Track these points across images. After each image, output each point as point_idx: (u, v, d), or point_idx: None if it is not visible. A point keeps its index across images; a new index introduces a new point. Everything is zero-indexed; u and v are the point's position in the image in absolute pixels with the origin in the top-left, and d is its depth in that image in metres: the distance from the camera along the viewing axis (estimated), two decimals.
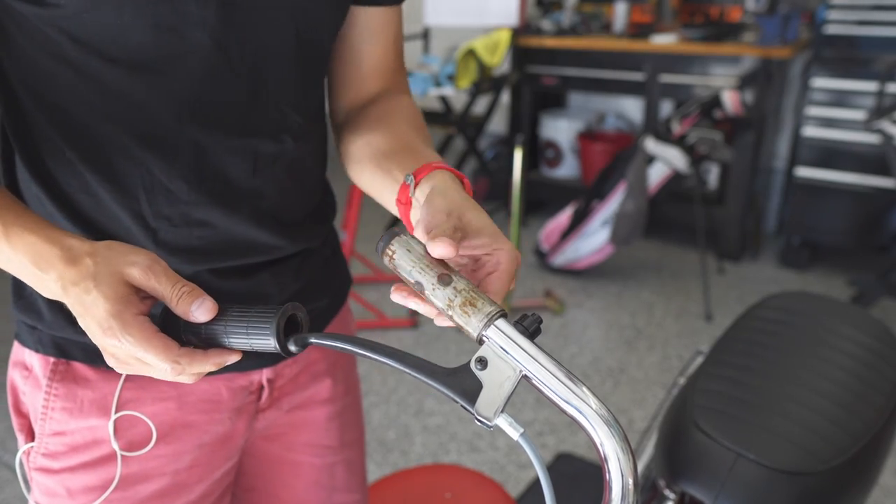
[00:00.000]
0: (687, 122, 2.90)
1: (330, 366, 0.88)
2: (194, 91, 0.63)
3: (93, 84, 0.61)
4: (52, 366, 0.71)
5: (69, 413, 0.71)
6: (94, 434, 0.71)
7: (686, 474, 0.92)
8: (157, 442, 0.73)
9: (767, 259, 3.46)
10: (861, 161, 3.00)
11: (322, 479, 0.90)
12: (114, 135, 0.63)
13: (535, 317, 0.50)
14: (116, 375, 0.72)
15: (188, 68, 0.62)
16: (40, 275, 0.54)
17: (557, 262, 3.24)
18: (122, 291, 0.52)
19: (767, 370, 1.01)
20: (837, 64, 3.03)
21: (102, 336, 0.52)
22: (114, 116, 0.62)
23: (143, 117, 0.63)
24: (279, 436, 0.86)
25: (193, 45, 0.61)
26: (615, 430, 0.47)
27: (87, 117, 0.62)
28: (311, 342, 0.54)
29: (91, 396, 0.71)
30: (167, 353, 0.51)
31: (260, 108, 0.67)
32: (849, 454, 0.88)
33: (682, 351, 2.65)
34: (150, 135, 0.63)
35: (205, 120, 0.64)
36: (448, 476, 1.40)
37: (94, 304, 0.51)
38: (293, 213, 0.75)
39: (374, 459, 2.09)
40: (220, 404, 0.76)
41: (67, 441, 0.71)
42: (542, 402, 2.32)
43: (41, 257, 0.54)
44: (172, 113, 0.63)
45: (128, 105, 0.62)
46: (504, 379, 0.49)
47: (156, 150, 0.64)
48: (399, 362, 0.51)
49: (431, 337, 2.76)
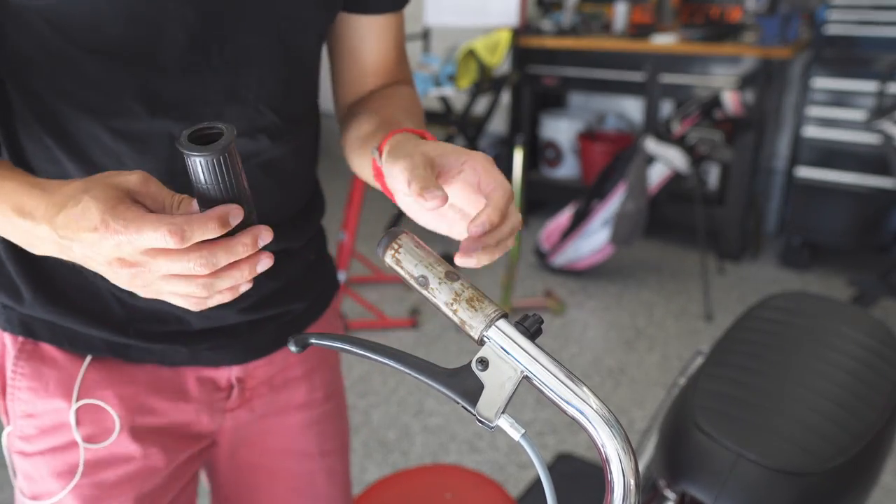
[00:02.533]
0: (687, 122, 2.90)
1: (307, 371, 0.87)
2: (169, 85, 0.63)
3: (71, 73, 0.61)
4: (20, 345, 0.72)
5: (35, 392, 0.72)
6: (60, 417, 0.72)
7: (686, 474, 0.92)
8: (121, 428, 0.73)
9: (768, 259, 3.46)
10: (861, 161, 3.00)
11: (301, 487, 0.89)
12: (89, 125, 0.63)
13: (536, 317, 0.50)
14: (81, 358, 0.72)
15: (164, 62, 0.62)
16: (26, 224, 0.52)
17: (558, 262, 3.24)
18: (115, 194, 0.48)
19: (768, 370, 1.01)
20: (838, 64, 3.03)
21: (100, 242, 0.48)
22: (89, 106, 0.62)
23: (117, 108, 0.63)
24: (254, 442, 0.86)
25: (171, 40, 0.61)
26: (616, 430, 0.47)
27: (64, 105, 0.62)
28: (311, 342, 0.54)
29: (56, 376, 0.72)
30: (161, 220, 0.47)
31: (237, 107, 0.67)
32: (849, 454, 0.88)
33: (682, 351, 2.65)
34: (123, 126, 0.63)
35: (178, 115, 0.64)
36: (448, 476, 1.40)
37: (85, 213, 0.48)
38: (271, 212, 0.75)
39: (374, 459, 2.09)
40: (186, 395, 0.77)
41: (37, 423, 0.72)
42: (542, 403, 2.32)
43: (24, 202, 0.52)
44: (146, 105, 0.63)
45: (103, 95, 0.62)
46: (505, 379, 0.49)
47: (128, 141, 0.64)
48: (400, 363, 0.51)
49: (432, 337, 2.76)
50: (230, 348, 0.77)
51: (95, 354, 0.73)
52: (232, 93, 0.66)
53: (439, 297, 0.51)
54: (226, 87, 0.65)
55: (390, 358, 0.51)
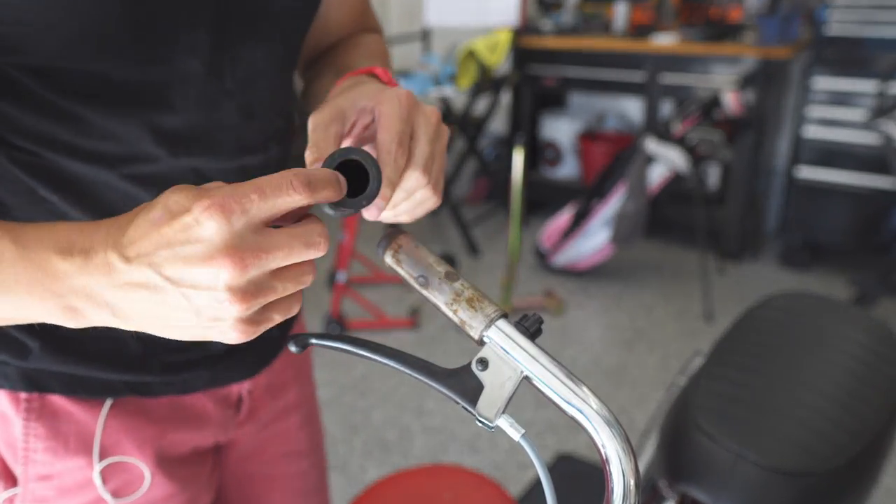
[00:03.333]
0: (687, 122, 2.90)
1: (296, 372, 0.86)
2: (186, 120, 0.58)
3: (71, 128, 0.54)
4: (25, 403, 0.63)
5: (53, 453, 0.64)
6: (83, 475, 0.65)
7: (687, 475, 0.92)
8: (152, 476, 0.68)
9: (768, 259, 3.46)
10: (861, 161, 3.00)
11: (297, 485, 0.89)
12: (97, 173, 0.56)
13: (536, 317, 0.50)
14: (98, 404, 0.65)
15: (179, 98, 0.57)
16: (74, 266, 0.39)
17: (558, 262, 3.24)
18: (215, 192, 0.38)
19: (768, 371, 1.01)
20: (838, 64, 3.02)
21: (232, 268, 0.36)
22: (96, 157, 0.56)
23: (131, 155, 0.57)
24: (257, 453, 0.85)
25: (184, 74, 0.56)
26: (616, 430, 0.47)
27: (63, 160, 0.55)
28: (311, 342, 0.54)
29: (75, 431, 0.65)
30: (281, 179, 0.38)
31: (254, 124, 0.64)
32: (850, 455, 0.88)
33: (682, 351, 2.65)
34: (141, 172, 0.58)
35: (200, 148, 0.60)
36: (448, 477, 1.40)
37: (200, 225, 0.36)
38: None
39: (374, 459, 2.09)
40: (206, 418, 0.74)
41: (56, 484, 0.65)
42: (542, 403, 2.32)
43: (73, 237, 0.40)
44: (165, 147, 0.58)
45: (114, 145, 0.56)
46: (505, 379, 0.49)
47: (148, 185, 0.58)
48: (400, 363, 0.51)
49: (432, 337, 2.76)
50: (243, 362, 0.75)
51: (115, 396, 0.66)
52: (248, 110, 0.62)
53: (439, 297, 0.51)
54: (241, 106, 0.62)
55: (390, 358, 0.51)
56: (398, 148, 0.49)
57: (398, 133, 0.49)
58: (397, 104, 0.50)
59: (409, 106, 0.50)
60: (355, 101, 0.52)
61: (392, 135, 0.49)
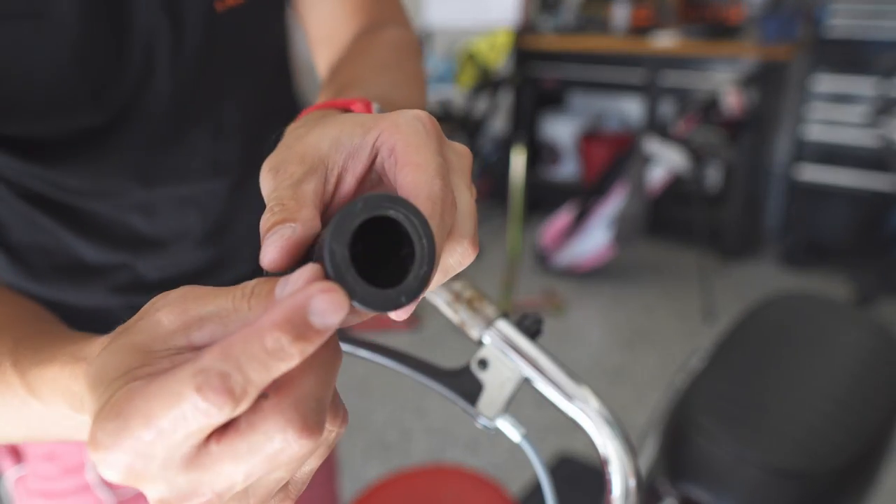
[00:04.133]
0: (687, 122, 2.90)
1: None
2: (164, 154, 0.58)
3: (41, 182, 0.55)
4: None
5: None
6: (83, 456, 0.66)
7: (687, 475, 0.92)
8: None
9: (768, 259, 3.46)
10: (861, 161, 3.00)
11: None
12: (78, 201, 0.57)
13: (536, 317, 0.50)
14: None
15: (152, 134, 0.56)
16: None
17: (559, 263, 3.23)
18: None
19: (768, 371, 1.01)
20: (838, 64, 3.02)
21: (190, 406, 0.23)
22: (72, 191, 0.57)
23: (109, 190, 0.58)
24: None
25: (153, 112, 0.55)
26: (616, 430, 0.47)
27: (57, 193, 0.56)
28: None
29: None
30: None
31: (228, 144, 0.63)
32: (850, 455, 0.88)
33: (682, 351, 2.65)
34: (126, 202, 0.59)
35: (177, 179, 0.60)
36: (448, 477, 1.40)
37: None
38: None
39: (375, 460, 2.09)
40: None
41: (60, 465, 0.67)
42: (542, 403, 2.31)
43: (75, 395, 0.33)
44: (141, 182, 0.58)
45: (88, 184, 0.56)
46: (505, 380, 0.49)
47: (135, 210, 0.60)
48: (400, 363, 0.51)
49: (432, 338, 2.76)
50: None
51: None
52: (218, 130, 0.61)
53: (439, 297, 0.51)
54: (211, 130, 0.60)
55: (390, 358, 0.51)
56: (444, 195, 0.29)
57: (437, 170, 0.29)
58: (422, 131, 0.30)
59: (439, 134, 0.31)
60: (338, 139, 0.32)
61: (430, 175, 0.29)
